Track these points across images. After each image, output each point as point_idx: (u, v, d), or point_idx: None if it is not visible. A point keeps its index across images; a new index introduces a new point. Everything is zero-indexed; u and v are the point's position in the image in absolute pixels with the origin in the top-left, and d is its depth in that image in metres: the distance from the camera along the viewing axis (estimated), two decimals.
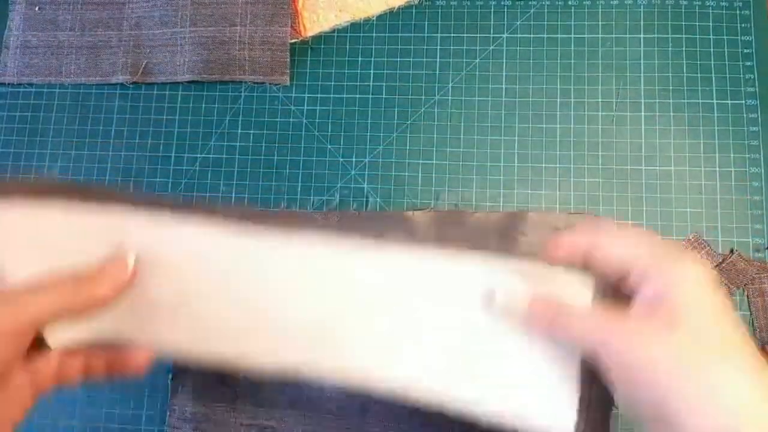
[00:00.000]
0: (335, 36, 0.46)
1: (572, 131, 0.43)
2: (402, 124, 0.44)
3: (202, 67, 0.46)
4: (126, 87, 0.46)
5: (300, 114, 0.45)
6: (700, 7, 0.44)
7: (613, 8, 0.45)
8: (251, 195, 0.44)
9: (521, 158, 0.43)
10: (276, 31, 0.46)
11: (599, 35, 0.44)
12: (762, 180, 0.42)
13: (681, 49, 0.44)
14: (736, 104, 0.43)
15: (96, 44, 0.47)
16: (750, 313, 0.40)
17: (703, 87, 0.43)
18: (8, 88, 0.47)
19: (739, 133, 0.42)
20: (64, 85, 0.47)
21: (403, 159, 0.44)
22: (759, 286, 0.40)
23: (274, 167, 0.44)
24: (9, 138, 0.46)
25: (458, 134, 0.44)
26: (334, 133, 0.45)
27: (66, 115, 0.46)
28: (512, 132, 0.44)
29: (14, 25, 0.48)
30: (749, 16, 0.44)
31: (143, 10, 0.47)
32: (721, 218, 0.42)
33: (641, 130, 0.43)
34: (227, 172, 0.45)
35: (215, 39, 0.46)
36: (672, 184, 0.42)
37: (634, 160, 0.43)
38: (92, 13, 0.47)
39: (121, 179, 0.45)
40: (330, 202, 0.44)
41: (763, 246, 0.41)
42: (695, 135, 0.43)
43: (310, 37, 0.46)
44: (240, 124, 0.45)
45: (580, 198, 0.42)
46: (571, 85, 0.44)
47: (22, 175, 0.46)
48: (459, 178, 0.43)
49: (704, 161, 0.42)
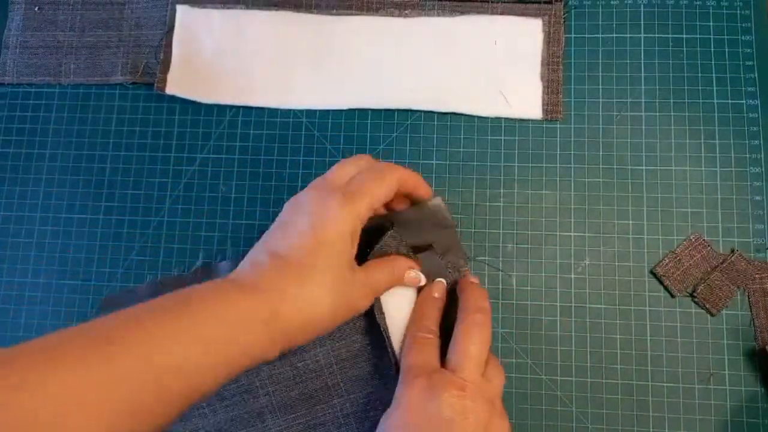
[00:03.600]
0: None
1: (572, 131, 0.43)
2: (402, 124, 0.44)
3: None
4: (126, 87, 0.46)
5: (300, 114, 0.45)
6: (700, 7, 0.44)
7: (613, 8, 0.45)
8: (251, 195, 0.44)
9: (521, 158, 0.43)
10: None
11: (599, 35, 0.44)
12: (762, 180, 0.42)
13: (681, 49, 0.44)
14: (736, 104, 0.43)
15: (96, 44, 0.47)
16: (750, 313, 0.40)
17: (703, 87, 0.43)
18: (8, 88, 0.47)
19: (740, 133, 0.42)
20: (64, 85, 0.47)
21: (403, 159, 0.44)
22: (760, 286, 0.40)
23: (274, 167, 0.44)
24: (9, 138, 0.46)
25: (458, 134, 0.44)
26: (334, 133, 0.45)
27: (66, 115, 0.46)
28: (512, 132, 0.44)
29: (14, 25, 0.48)
30: (749, 16, 0.44)
31: (143, 10, 0.47)
32: (721, 218, 0.41)
33: (641, 130, 0.43)
34: (227, 172, 0.44)
35: None
36: (672, 184, 0.42)
37: (634, 160, 0.43)
38: (92, 13, 0.47)
39: (121, 179, 0.45)
40: None
41: (763, 246, 0.41)
42: (695, 135, 0.43)
43: None
44: (240, 124, 0.45)
45: (580, 198, 0.42)
46: (571, 84, 0.44)
47: (22, 175, 0.46)
48: (459, 178, 0.43)
49: (704, 161, 0.42)
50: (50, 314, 0.43)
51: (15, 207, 0.45)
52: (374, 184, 0.33)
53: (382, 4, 0.45)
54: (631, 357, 0.40)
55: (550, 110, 0.43)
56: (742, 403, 0.39)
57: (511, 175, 0.43)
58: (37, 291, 0.44)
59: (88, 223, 0.45)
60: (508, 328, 0.41)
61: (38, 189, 0.45)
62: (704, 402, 0.39)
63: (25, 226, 0.45)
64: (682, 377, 0.40)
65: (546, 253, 0.42)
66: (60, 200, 0.45)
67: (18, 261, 0.44)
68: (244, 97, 0.45)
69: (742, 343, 0.40)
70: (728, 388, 0.39)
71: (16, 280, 0.44)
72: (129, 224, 0.44)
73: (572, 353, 0.41)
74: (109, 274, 0.44)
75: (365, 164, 0.35)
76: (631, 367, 0.40)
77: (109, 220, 0.44)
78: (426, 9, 0.45)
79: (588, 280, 0.41)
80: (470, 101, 0.44)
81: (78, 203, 0.45)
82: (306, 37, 0.45)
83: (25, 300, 0.44)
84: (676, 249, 0.41)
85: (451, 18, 0.45)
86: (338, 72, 0.45)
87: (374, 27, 0.45)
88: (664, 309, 0.41)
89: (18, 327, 0.44)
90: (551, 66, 0.44)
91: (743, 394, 0.39)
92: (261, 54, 0.45)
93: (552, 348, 0.41)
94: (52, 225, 0.45)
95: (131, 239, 0.44)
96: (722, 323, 0.40)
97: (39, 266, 0.44)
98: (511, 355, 0.41)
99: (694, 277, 0.41)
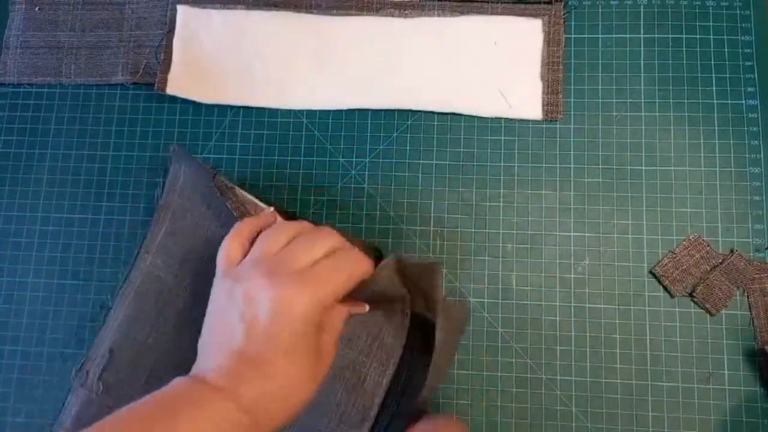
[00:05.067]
0: None
1: (572, 131, 0.43)
2: (402, 124, 0.44)
3: None
4: (126, 87, 0.46)
5: (300, 114, 0.45)
6: (700, 7, 0.44)
7: (613, 8, 0.45)
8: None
9: (521, 158, 0.43)
10: None
11: (599, 35, 0.44)
12: (762, 180, 0.42)
13: (681, 49, 0.44)
14: (736, 104, 0.43)
15: (96, 44, 0.47)
16: (750, 313, 0.40)
17: (703, 87, 0.43)
18: (8, 88, 0.47)
19: (739, 133, 0.42)
20: (64, 85, 0.47)
21: (403, 159, 0.44)
22: (759, 286, 0.40)
23: (274, 167, 0.44)
24: (9, 138, 0.46)
25: (458, 134, 0.44)
26: (334, 133, 0.45)
27: (66, 115, 0.46)
28: (512, 132, 0.44)
29: (14, 25, 0.48)
30: (749, 16, 0.44)
31: (143, 11, 0.47)
32: (721, 218, 0.42)
33: (641, 130, 0.43)
34: (227, 172, 0.44)
35: None
36: (671, 184, 0.42)
37: (633, 160, 0.43)
38: (92, 14, 0.47)
39: (121, 179, 0.45)
40: (330, 202, 0.44)
41: (763, 246, 0.41)
42: (695, 135, 0.43)
43: None
44: (240, 125, 0.45)
45: (580, 198, 0.42)
46: (571, 85, 0.44)
47: (22, 175, 0.46)
48: (459, 178, 0.43)
49: (704, 161, 0.42)
50: (50, 314, 0.43)
51: (15, 207, 0.45)
52: (335, 274, 0.32)
53: (382, 4, 0.45)
54: (630, 357, 0.40)
55: (550, 110, 0.43)
56: (741, 402, 0.39)
57: (511, 175, 0.43)
58: (37, 291, 0.44)
59: (88, 223, 0.45)
60: (508, 328, 0.41)
61: (38, 189, 0.45)
62: (703, 402, 0.39)
63: (25, 226, 0.45)
64: (681, 377, 0.40)
65: (546, 253, 0.42)
66: (60, 200, 0.45)
67: (18, 261, 0.44)
68: (245, 97, 0.45)
69: (741, 343, 0.40)
70: (727, 387, 0.40)
71: (16, 280, 0.44)
72: (129, 224, 0.44)
73: (572, 353, 0.41)
74: (109, 274, 0.44)
75: (294, 232, 0.34)
76: (630, 366, 0.40)
77: (109, 220, 0.45)
78: (426, 9, 0.45)
79: (588, 280, 0.41)
80: (470, 101, 0.44)
81: (78, 203, 0.45)
82: (306, 37, 0.45)
83: (26, 300, 0.44)
84: (676, 249, 0.41)
85: (451, 18, 0.45)
86: (338, 72, 0.45)
87: (374, 27, 0.45)
88: (664, 309, 0.41)
89: (18, 327, 0.44)
90: (551, 66, 0.44)
91: (742, 394, 0.39)
92: (261, 54, 0.45)
93: (552, 348, 0.41)
94: (52, 225, 0.45)
95: (131, 239, 0.44)
96: (721, 323, 0.40)
97: (39, 266, 0.44)
98: (511, 355, 0.41)
99: (694, 277, 0.41)
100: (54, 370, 0.43)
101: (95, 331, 0.42)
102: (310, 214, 0.43)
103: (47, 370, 0.43)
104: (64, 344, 0.43)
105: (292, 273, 0.31)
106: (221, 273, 0.34)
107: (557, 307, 0.41)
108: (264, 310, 0.30)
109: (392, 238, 0.43)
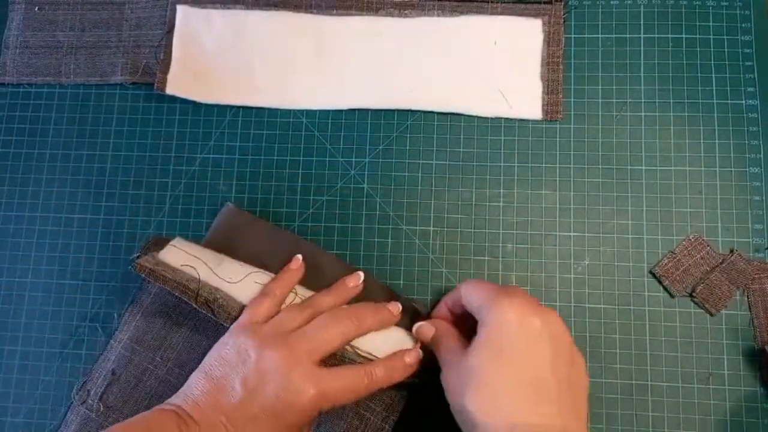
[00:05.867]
0: None
1: (572, 131, 0.43)
2: (402, 124, 0.44)
3: None
4: (125, 87, 0.46)
5: (300, 114, 0.45)
6: (700, 7, 0.44)
7: (613, 8, 0.45)
8: (251, 195, 0.44)
9: (521, 158, 0.43)
10: None
11: (599, 35, 0.44)
12: (762, 180, 0.42)
13: (681, 49, 0.44)
14: (736, 104, 0.43)
15: (96, 44, 0.47)
16: (750, 313, 0.40)
17: (703, 87, 0.43)
18: (8, 88, 0.47)
19: (739, 133, 0.42)
20: (64, 85, 0.47)
21: (403, 159, 0.44)
22: (759, 286, 0.40)
23: (274, 167, 0.44)
24: (9, 138, 0.46)
25: (458, 134, 0.44)
26: (334, 133, 0.45)
27: (65, 115, 0.46)
28: (512, 132, 0.44)
29: (14, 25, 0.48)
30: (749, 16, 0.44)
31: (143, 11, 0.47)
32: (721, 218, 0.42)
33: (641, 130, 0.43)
34: (227, 172, 0.44)
35: None
36: (671, 184, 0.42)
37: (633, 160, 0.43)
38: (92, 14, 0.47)
39: (121, 179, 0.45)
40: (330, 202, 0.44)
41: (763, 246, 0.41)
42: (695, 135, 0.43)
43: None
44: (240, 124, 0.45)
45: (580, 198, 0.42)
46: (571, 85, 0.44)
47: (22, 175, 0.46)
48: (459, 178, 0.43)
49: (704, 161, 0.42)
50: (50, 314, 0.43)
51: (15, 207, 0.45)
52: (350, 376, 0.35)
53: (382, 4, 0.45)
54: (630, 357, 0.40)
55: (550, 110, 0.43)
56: (741, 402, 0.39)
57: (511, 175, 0.43)
58: (37, 291, 0.44)
59: (88, 223, 0.45)
60: None
61: (38, 189, 0.45)
62: (703, 402, 0.39)
63: (25, 226, 0.45)
64: (681, 377, 0.40)
65: (546, 253, 0.42)
66: (60, 200, 0.45)
67: (18, 261, 0.44)
68: (244, 97, 0.45)
69: (741, 343, 0.40)
70: (727, 387, 0.40)
71: (16, 280, 0.44)
72: (129, 224, 0.44)
73: None
74: (109, 274, 0.44)
75: (313, 311, 0.37)
76: (630, 366, 0.40)
77: (109, 220, 0.45)
78: (426, 9, 0.45)
79: (588, 280, 0.41)
80: (470, 101, 0.44)
81: (78, 203, 0.45)
82: (306, 37, 0.45)
83: (25, 300, 0.44)
84: (676, 249, 0.41)
85: (451, 18, 0.45)
86: (338, 72, 0.45)
87: (374, 27, 0.45)
88: (664, 309, 0.41)
89: (18, 327, 0.44)
90: (551, 66, 0.44)
91: (742, 394, 0.39)
92: (261, 54, 0.45)
93: None
94: (52, 225, 0.45)
95: (131, 239, 0.44)
96: (721, 323, 0.40)
97: (39, 266, 0.44)
98: None
99: (694, 277, 0.41)
100: (53, 370, 0.43)
101: (95, 331, 0.42)
102: (310, 214, 0.43)
103: (47, 370, 0.43)
104: (63, 344, 0.43)
105: (309, 362, 0.34)
106: (241, 323, 0.36)
107: (557, 307, 0.41)
108: (272, 389, 0.33)
109: (392, 238, 0.43)
